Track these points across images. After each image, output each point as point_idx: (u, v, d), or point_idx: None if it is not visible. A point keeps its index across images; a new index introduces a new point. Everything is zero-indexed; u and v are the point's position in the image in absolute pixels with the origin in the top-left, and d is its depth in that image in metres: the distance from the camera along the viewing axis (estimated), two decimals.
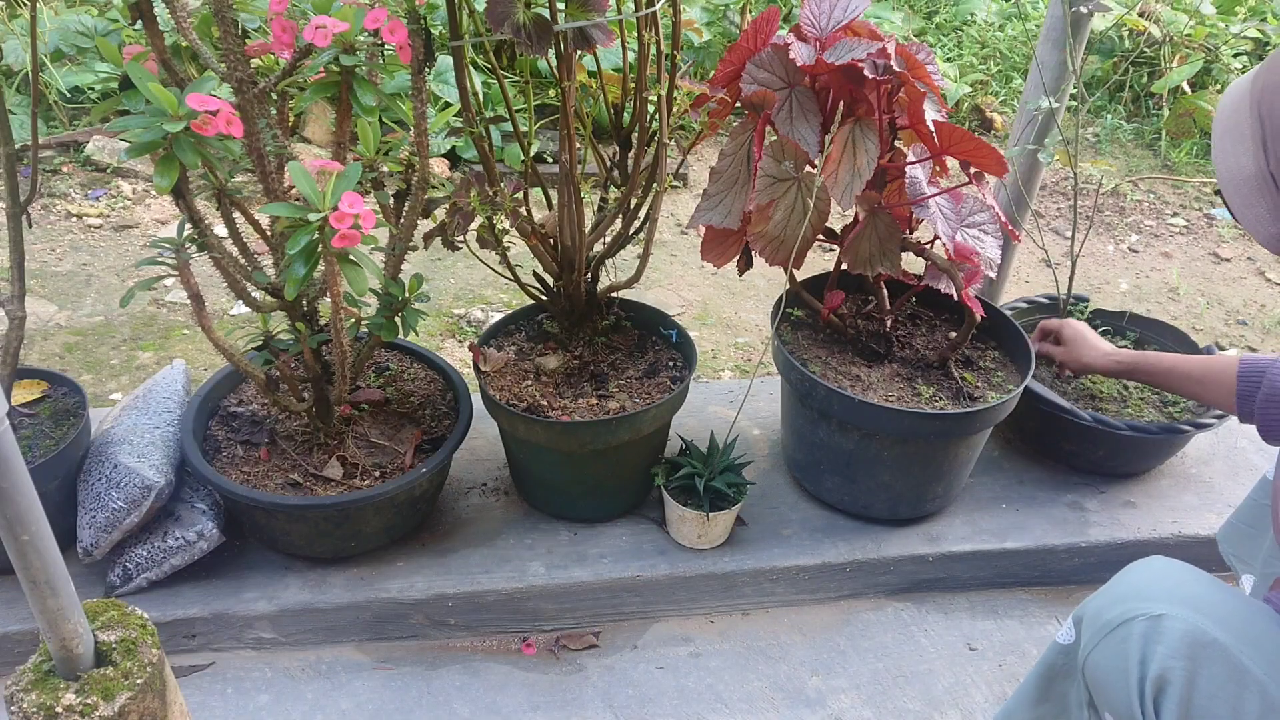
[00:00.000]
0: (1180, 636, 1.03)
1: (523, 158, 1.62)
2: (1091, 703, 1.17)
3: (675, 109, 1.61)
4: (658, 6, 1.43)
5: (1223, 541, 1.44)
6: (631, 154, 1.66)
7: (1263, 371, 1.36)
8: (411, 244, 1.52)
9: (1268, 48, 4.19)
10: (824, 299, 1.82)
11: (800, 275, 1.85)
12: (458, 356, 2.62)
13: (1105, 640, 1.09)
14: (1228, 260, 3.42)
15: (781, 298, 1.83)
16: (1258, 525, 1.36)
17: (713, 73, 1.66)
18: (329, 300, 1.40)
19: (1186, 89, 4.01)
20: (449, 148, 3.45)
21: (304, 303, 1.55)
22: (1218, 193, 3.67)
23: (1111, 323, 2.16)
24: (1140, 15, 4.02)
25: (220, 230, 1.51)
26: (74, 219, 3.18)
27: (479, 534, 1.79)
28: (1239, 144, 1.03)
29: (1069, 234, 3.46)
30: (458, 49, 1.43)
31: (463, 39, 1.43)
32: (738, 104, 1.63)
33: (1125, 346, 2.11)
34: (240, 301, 1.51)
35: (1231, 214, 1.08)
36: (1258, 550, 1.34)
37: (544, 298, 1.79)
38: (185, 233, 1.37)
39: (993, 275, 1.77)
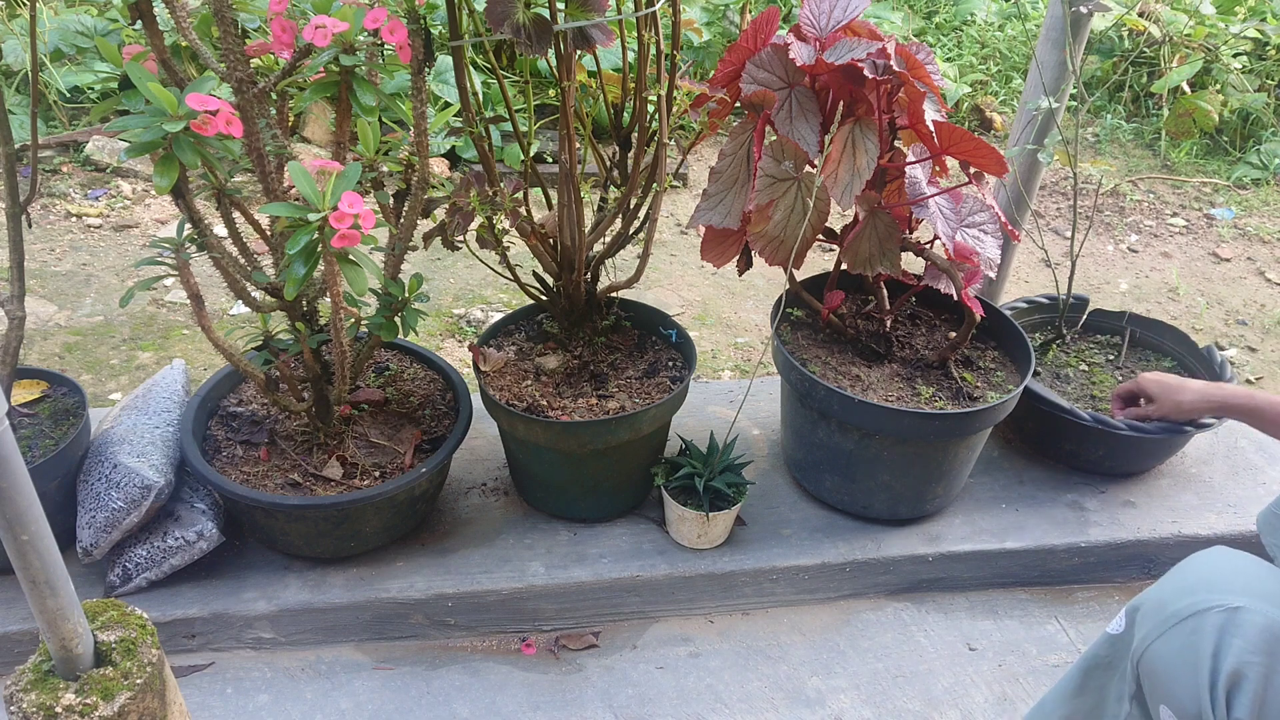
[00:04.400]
0: (1259, 631, 1.00)
1: (523, 158, 1.62)
2: (1138, 695, 1.13)
3: (675, 109, 1.61)
4: (658, 6, 1.43)
5: (1263, 531, 1.43)
6: (631, 154, 1.66)
7: None
8: (411, 244, 1.52)
9: (1267, 48, 4.19)
10: (824, 299, 1.82)
11: (800, 275, 1.85)
12: (458, 356, 2.62)
13: (1171, 631, 1.06)
14: (1227, 260, 3.42)
15: (781, 298, 1.83)
16: None
17: (713, 73, 1.66)
18: (329, 300, 1.40)
19: (1186, 89, 4.01)
20: (449, 148, 3.45)
21: (304, 303, 1.55)
22: None
23: (1111, 323, 2.16)
24: (1140, 15, 4.02)
25: (220, 230, 1.52)
26: (74, 219, 3.18)
27: (479, 534, 1.79)
28: None
29: (1069, 234, 3.46)
30: (457, 49, 1.43)
31: (462, 39, 1.43)
32: (738, 104, 1.63)
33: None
34: (240, 301, 1.51)
35: None
36: None
37: (544, 298, 1.79)
38: (185, 233, 1.37)
39: (992, 275, 1.77)
